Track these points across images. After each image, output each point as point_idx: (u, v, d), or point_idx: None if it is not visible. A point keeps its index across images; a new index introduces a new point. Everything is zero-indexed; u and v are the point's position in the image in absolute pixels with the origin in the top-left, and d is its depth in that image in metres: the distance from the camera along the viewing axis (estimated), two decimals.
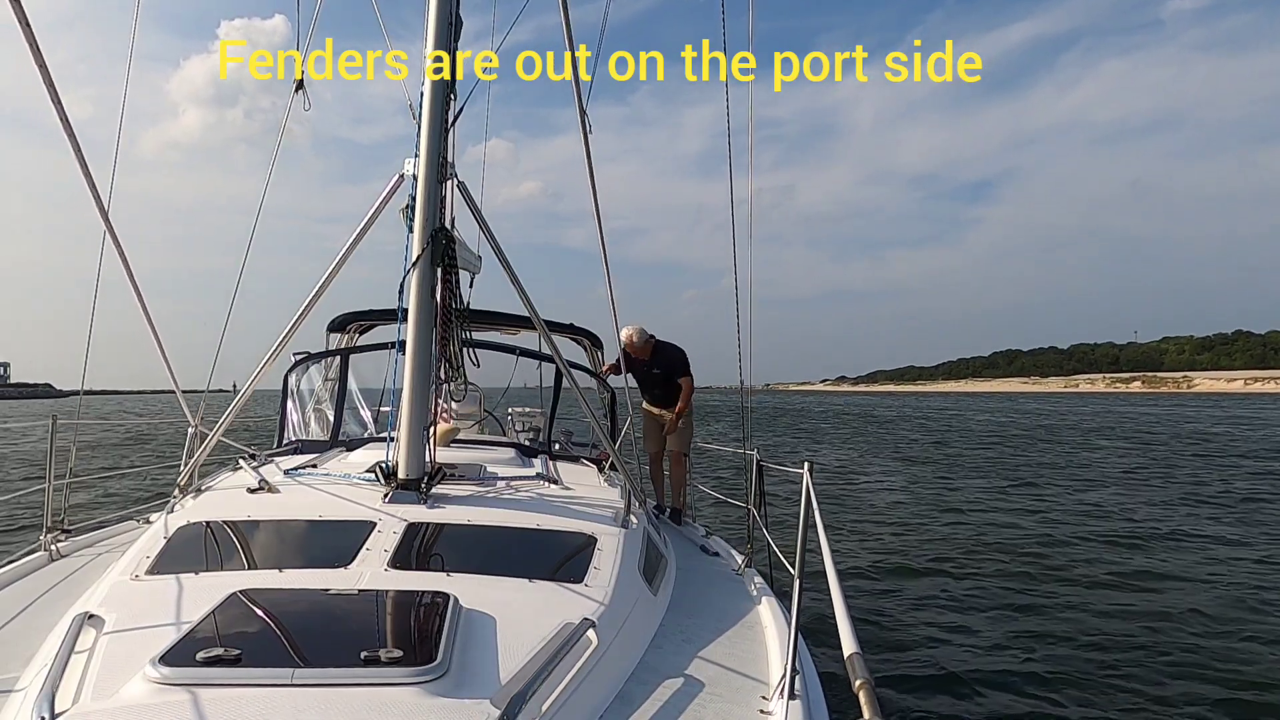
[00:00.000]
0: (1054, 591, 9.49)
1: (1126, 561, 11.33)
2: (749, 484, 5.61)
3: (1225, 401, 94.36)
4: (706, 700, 2.76)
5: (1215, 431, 41.24)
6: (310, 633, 2.58)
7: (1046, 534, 13.37)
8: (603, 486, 4.81)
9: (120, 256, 4.72)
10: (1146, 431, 42.01)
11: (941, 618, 8.28)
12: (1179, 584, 10.04)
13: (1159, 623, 8.29)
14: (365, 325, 7.89)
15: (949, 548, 12.00)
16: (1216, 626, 8.22)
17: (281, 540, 3.60)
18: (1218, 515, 15.26)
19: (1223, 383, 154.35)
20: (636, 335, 7.21)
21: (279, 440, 5.98)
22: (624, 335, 6.97)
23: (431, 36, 4.28)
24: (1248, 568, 11.05)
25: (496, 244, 4.47)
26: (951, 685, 6.39)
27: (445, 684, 2.23)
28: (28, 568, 4.15)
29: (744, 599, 4.19)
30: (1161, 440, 36.18)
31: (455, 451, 5.03)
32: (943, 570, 10.46)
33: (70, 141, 3.86)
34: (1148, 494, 18.56)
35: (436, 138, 4.22)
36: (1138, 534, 13.63)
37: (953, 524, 14.20)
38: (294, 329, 4.40)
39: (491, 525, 3.69)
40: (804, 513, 2.93)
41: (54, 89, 3.64)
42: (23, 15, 3.27)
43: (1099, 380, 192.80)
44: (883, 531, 13.28)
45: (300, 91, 7.04)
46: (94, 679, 2.29)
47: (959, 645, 7.40)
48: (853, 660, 2.15)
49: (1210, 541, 12.85)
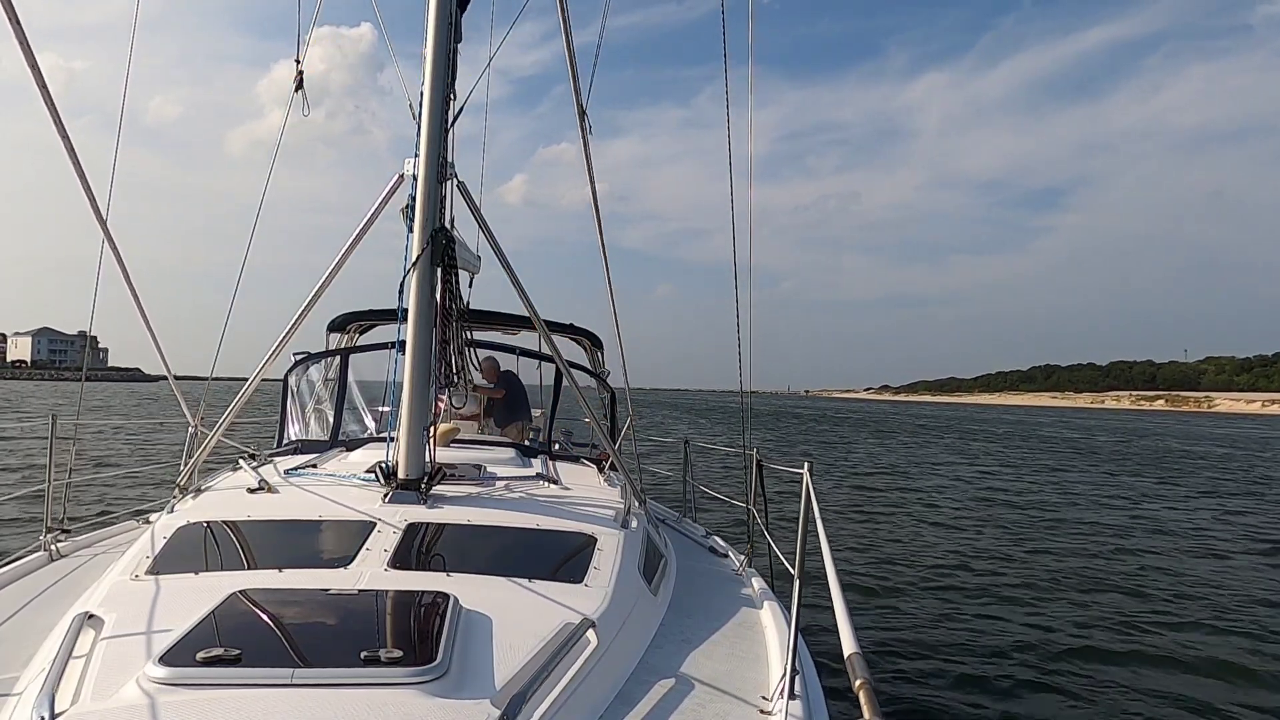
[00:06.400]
0: (1054, 591, 9.50)
1: (1123, 561, 11.35)
2: (749, 484, 5.60)
3: (1240, 421, 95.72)
4: (706, 700, 2.75)
5: (1177, 444, 43.44)
6: (310, 633, 2.58)
7: (1045, 534, 13.38)
8: (603, 486, 4.80)
9: (115, 256, 4.69)
10: (1116, 436, 45.26)
11: (941, 618, 8.28)
12: (1180, 583, 10.05)
13: (1159, 622, 8.30)
14: (365, 325, 7.88)
15: (949, 547, 12.00)
16: (1216, 627, 8.23)
17: (281, 540, 3.58)
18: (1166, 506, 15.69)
19: (1242, 404, 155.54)
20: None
21: (279, 440, 5.97)
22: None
23: (431, 37, 4.27)
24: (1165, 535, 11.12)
25: (496, 244, 4.46)
26: (951, 685, 6.39)
27: (445, 684, 2.23)
28: (28, 568, 4.14)
29: (744, 599, 4.18)
30: (1117, 442, 39.88)
31: (455, 451, 5.01)
32: (942, 570, 10.46)
33: (64, 144, 3.84)
34: (1133, 494, 18.73)
35: (436, 138, 4.22)
36: (1135, 533, 13.67)
37: (952, 523, 14.21)
38: (294, 329, 4.39)
39: (491, 525, 3.68)
40: (804, 513, 2.92)
41: (46, 91, 3.61)
42: (15, 19, 3.26)
43: (1125, 398, 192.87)
44: (880, 533, 13.28)
45: (300, 93, 7.01)
46: (94, 679, 2.29)
47: (959, 645, 7.39)
48: (853, 660, 2.14)
49: (1190, 530, 12.95)
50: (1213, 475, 25.74)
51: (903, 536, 12.81)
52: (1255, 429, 70.20)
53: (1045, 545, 12.36)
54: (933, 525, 14.00)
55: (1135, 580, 10.13)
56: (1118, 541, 12.85)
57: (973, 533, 13.30)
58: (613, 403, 6.97)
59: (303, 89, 7.02)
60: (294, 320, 4.37)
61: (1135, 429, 62.72)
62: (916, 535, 12.99)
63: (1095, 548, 12.26)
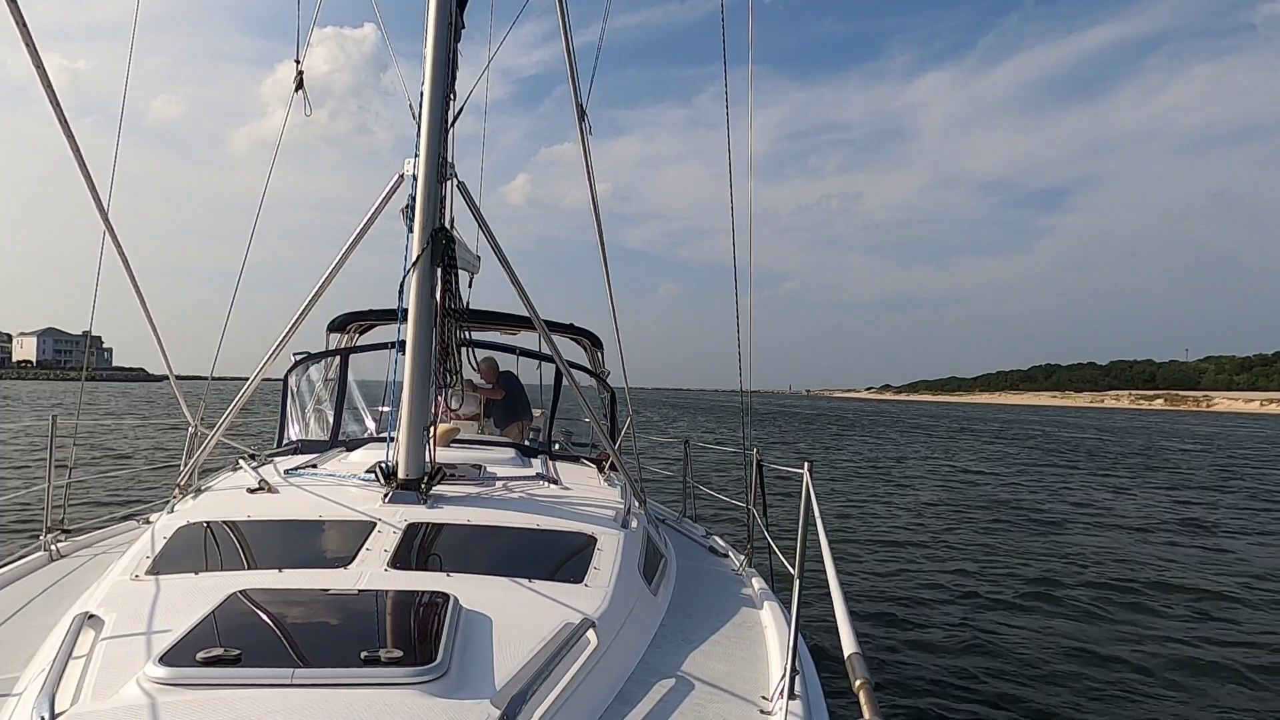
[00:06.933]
0: (1053, 591, 9.50)
1: (1120, 563, 11.35)
2: (749, 484, 5.60)
3: (1228, 420, 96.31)
4: (706, 700, 2.75)
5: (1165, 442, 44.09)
6: (310, 633, 2.57)
7: (1046, 534, 13.38)
8: (602, 486, 4.80)
9: (119, 254, 4.69)
10: (1093, 434, 46.57)
11: (942, 617, 8.28)
12: (1179, 586, 10.05)
13: (1158, 624, 8.30)
14: (365, 325, 7.88)
15: (948, 547, 12.00)
16: (1215, 626, 8.23)
17: (281, 540, 3.58)
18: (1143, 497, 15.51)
19: (1240, 403, 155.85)
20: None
21: (279, 440, 5.97)
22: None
23: (431, 36, 4.27)
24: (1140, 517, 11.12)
25: (496, 244, 4.46)
26: (952, 685, 6.39)
27: (445, 684, 2.23)
28: (28, 568, 4.13)
29: (744, 599, 4.18)
30: (1095, 437, 41.70)
31: (455, 451, 5.01)
32: (942, 571, 10.46)
33: (70, 143, 3.84)
34: (1134, 488, 18.71)
35: (436, 137, 4.21)
36: (1133, 530, 13.67)
37: (951, 524, 14.21)
38: (294, 329, 4.39)
39: (491, 525, 3.68)
40: (804, 513, 2.92)
41: (52, 90, 3.62)
42: (20, 18, 3.26)
43: (1124, 397, 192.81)
44: (875, 534, 13.28)
45: (300, 92, 7.01)
46: (94, 679, 2.28)
47: (959, 645, 7.39)
48: (853, 660, 2.14)
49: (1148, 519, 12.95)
50: (1170, 470, 26.41)
51: (897, 533, 12.82)
52: (1240, 427, 70.82)
53: (1045, 544, 12.36)
54: (928, 523, 14.00)
55: (1123, 573, 10.15)
56: (1108, 539, 12.86)
57: (970, 531, 13.31)
58: (613, 403, 6.96)
59: (303, 89, 7.02)
60: (294, 320, 4.37)
61: (1124, 428, 63.50)
62: (909, 533, 12.99)
63: (1093, 547, 12.26)
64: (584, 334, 8.11)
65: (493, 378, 7.14)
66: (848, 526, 13.43)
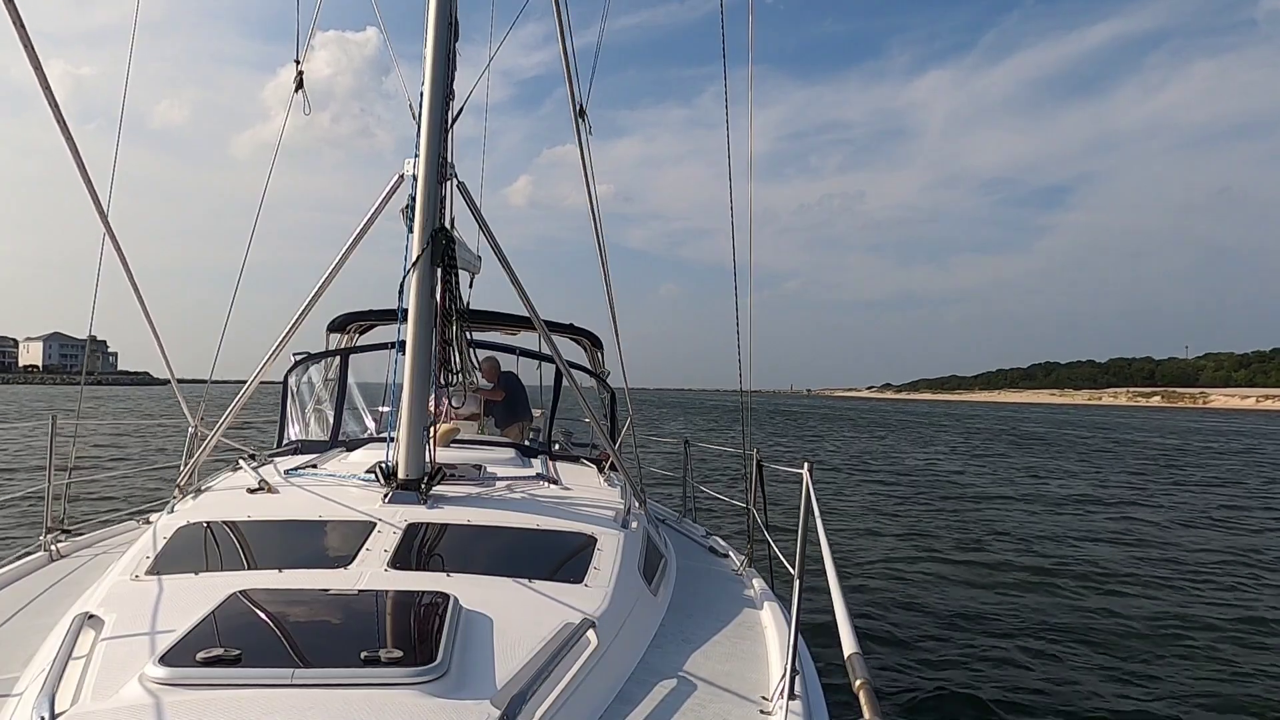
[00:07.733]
0: (1053, 591, 9.50)
1: (1118, 562, 11.34)
2: (749, 484, 5.60)
3: (1216, 416, 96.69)
4: (706, 700, 2.75)
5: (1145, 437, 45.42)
6: (310, 633, 2.57)
7: (1045, 536, 13.38)
8: (603, 487, 4.79)
9: (120, 257, 4.69)
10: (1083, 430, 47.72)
11: (942, 618, 8.28)
12: (1180, 586, 10.05)
13: (1158, 624, 8.30)
14: (365, 325, 7.88)
15: (947, 548, 12.00)
16: (1215, 626, 8.23)
17: (281, 541, 3.58)
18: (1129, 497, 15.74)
19: (1236, 399, 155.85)
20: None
21: (279, 440, 5.97)
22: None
23: (431, 37, 4.27)
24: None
25: (496, 244, 4.46)
26: (952, 685, 6.39)
27: (445, 684, 2.23)
28: (28, 568, 4.14)
29: (744, 599, 4.18)
30: (1080, 435, 42.92)
31: (455, 452, 5.01)
32: (941, 571, 10.46)
33: (69, 145, 3.84)
34: (1124, 487, 18.73)
35: (436, 137, 4.21)
36: (1131, 530, 13.66)
37: (951, 524, 14.20)
38: (294, 329, 4.39)
39: (491, 525, 3.68)
40: (804, 513, 2.92)
41: (50, 93, 3.62)
42: (19, 21, 3.26)
43: (1122, 394, 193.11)
44: (875, 534, 13.28)
45: (300, 92, 7.01)
46: (94, 679, 2.29)
47: (960, 644, 7.39)
48: (853, 660, 2.14)
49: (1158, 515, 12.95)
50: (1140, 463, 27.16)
51: (896, 532, 12.82)
52: (1229, 423, 71.36)
53: (1046, 544, 12.35)
54: (928, 523, 14.00)
55: (1133, 570, 10.15)
56: (1115, 532, 12.86)
57: (970, 531, 13.31)
58: (613, 403, 6.96)
59: (303, 89, 7.03)
60: (294, 320, 4.37)
61: (1116, 424, 64.25)
62: (909, 532, 13.00)
63: (1091, 544, 12.26)
64: (584, 334, 8.11)
65: (493, 378, 7.14)
66: (848, 526, 13.43)
